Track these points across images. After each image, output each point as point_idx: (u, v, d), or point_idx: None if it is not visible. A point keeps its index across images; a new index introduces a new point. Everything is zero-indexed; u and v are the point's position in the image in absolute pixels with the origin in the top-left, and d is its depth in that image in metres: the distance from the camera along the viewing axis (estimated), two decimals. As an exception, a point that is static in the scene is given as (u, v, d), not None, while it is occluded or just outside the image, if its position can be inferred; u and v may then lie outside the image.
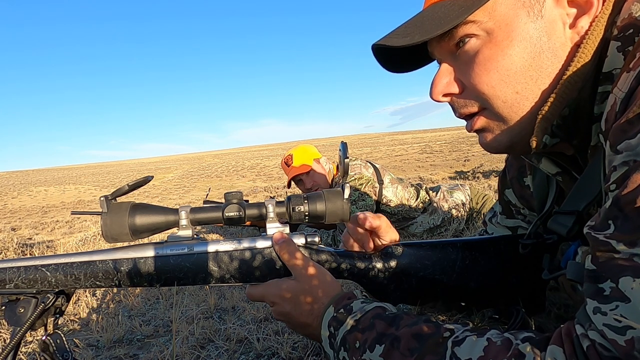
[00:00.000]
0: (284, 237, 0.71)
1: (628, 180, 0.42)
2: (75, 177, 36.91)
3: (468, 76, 0.60)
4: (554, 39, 0.56)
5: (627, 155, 0.42)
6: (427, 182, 6.09)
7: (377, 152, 23.84)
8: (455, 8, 0.57)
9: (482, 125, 0.63)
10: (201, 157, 61.01)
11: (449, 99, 0.65)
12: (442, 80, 0.63)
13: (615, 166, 0.44)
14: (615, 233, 0.42)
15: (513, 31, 0.56)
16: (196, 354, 1.00)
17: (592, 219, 0.47)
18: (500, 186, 0.93)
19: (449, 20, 0.57)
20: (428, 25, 0.58)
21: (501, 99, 0.58)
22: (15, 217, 13.01)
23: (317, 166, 2.32)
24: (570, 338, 0.45)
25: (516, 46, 0.56)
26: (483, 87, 0.59)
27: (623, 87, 0.46)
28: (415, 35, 0.59)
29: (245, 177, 18.82)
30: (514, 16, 0.56)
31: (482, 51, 0.58)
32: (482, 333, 0.52)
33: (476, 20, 0.57)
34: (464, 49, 0.59)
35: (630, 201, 0.41)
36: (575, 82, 0.54)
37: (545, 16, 0.55)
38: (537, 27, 0.55)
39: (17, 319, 0.68)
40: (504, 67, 0.57)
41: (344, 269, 0.75)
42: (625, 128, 0.43)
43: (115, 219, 0.67)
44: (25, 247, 3.33)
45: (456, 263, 0.76)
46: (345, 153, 0.72)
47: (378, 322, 0.60)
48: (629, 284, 0.40)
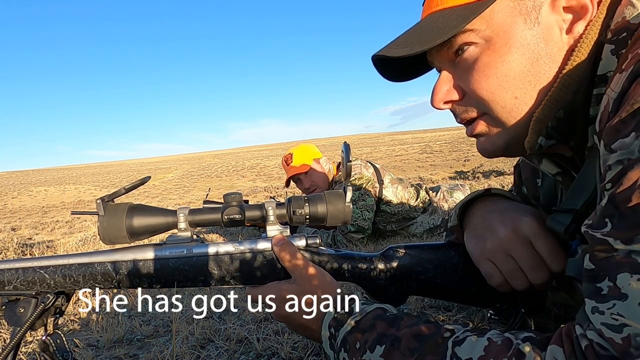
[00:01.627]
0: (284, 239, 0.71)
1: (623, 178, 0.42)
2: (75, 177, 36.91)
3: (468, 83, 0.61)
4: (551, 44, 0.57)
5: (622, 153, 0.43)
6: (427, 182, 6.09)
7: (377, 152, 23.83)
8: (453, 17, 0.58)
9: (481, 130, 0.64)
10: (201, 157, 61.02)
11: (450, 106, 0.66)
12: (442, 88, 0.64)
13: (610, 165, 0.45)
14: (612, 231, 0.43)
15: (511, 38, 0.57)
16: (196, 354, 1.01)
17: (589, 218, 0.48)
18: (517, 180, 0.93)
19: (448, 30, 0.58)
20: (427, 35, 0.59)
21: (500, 104, 0.59)
22: (15, 217, 13.01)
23: (316, 166, 2.32)
24: (570, 338, 0.46)
25: (514, 52, 0.57)
26: (482, 93, 0.60)
27: (616, 87, 0.47)
28: (415, 45, 0.60)
29: (245, 177, 18.82)
30: (512, 23, 0.57)
31: (481, 58, 0.59)
32: (483, 333, 0.52)
33: (474, 29, 0.58)
34: (463, 57, 0.61)
35: (626, 199, 0.41)
36: (569, 85, 0.55)
37: (542, 23, 0.56)
38: (534, 33, 0.57)
39: (17, 319, 0.68)
40: (502, 73, 0.58)
41: (345, 270, 0.75)
42: (619, 127, 0.44)
43: (112, 221, 0.67)
44: (25, 247, 3.33)
45: (458, 266, 0.75)
46: (348, 155, 0.71)
47: (378, 322, 0.60)
48: (627, 281, 0.41)
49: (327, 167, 2.37)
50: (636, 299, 0.40)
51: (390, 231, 2.28)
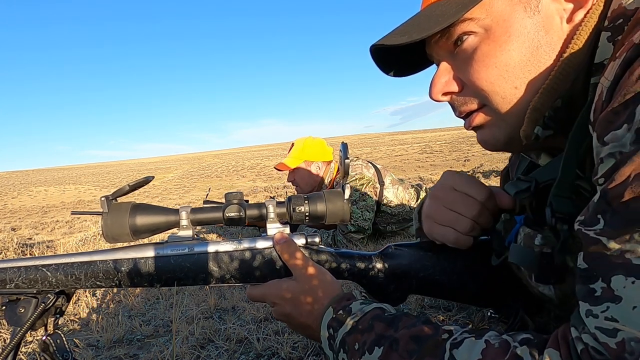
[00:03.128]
0: (285, 238, 0.71)
1: (615, 174, 0.41)
2: (75, 177, 36.90)
3: (467, 73, 0.60)
4: (551, 33, 0.56)
5: (614, 146, 0.42)
6: (427, 182, 6.09)
7: (377, 152, 23.85)
8: (452, 6, 0.57)
9: (480, 122, 0.63)
10: (201, 157, 61.02)
11: (449, 98, 0.65)
12: (441, 80, 0.63)
13: (602, 158, 0.44)
14: (605, 228, 0.42)
15: (510, 27, 0.56)
16: (196, 354, 1.01)
17: (581, 214, 0.46)
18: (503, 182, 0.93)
19: (447, 18, 0.57)
20: (425, 24, 0.59)
21: (500, 94, 0.58)
22: (15, 217, 13.02)
23: (304, 167, 2.36)
24: (566, 341, 0.45)
25: (514, 42, 0.56)
26: (482, 83, 0.59)
27: (609, 75, 0.46)
28: (413, 34, 0.59)
29: (245, 177, 18.82)
30: (511, 12, 0.56)
31: (481, 48, 0.58)
32: (481, 335, 0.52)
33: (474, 18, 0.57)
34: (462, 47, 0.60)
35: (619, 195, 0.40)
36: (567, 74, 0.54)
37: (542, 11, 0.56)
38: (534, 22, 0.56)
39: (17, 319, 0.68)
40: (502, 63, 0.57)
41: (344, 269, 0.75)
42: (611, 118, 0.43)
43: (115, 219, 0.67)
44: (25, 247, 3.34)
45: (456, 263, 0.76)
46: (345, 154, 0.72)
47: (377, 323, 0.60)
48: (621, 283, 0.40)
49: (321, 170, 2.39)
50: (630, 302, 0.39)
51: (390, 232, 2.28)
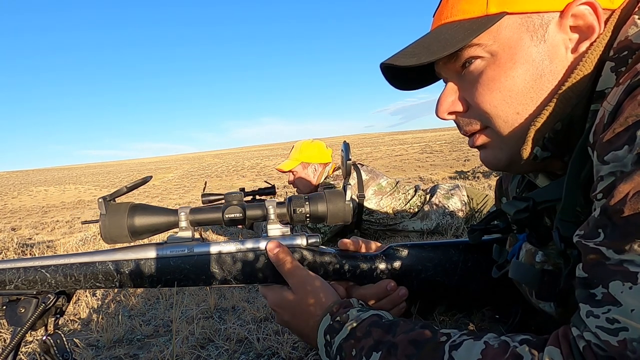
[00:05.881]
0: (279, 246, 0.72)
1: (615, 190, 0.43)
2: (75, 177, 36.91)
3: (472, 95, 0.62)
4: (555, 62, 0.57)
5: (614, 166, 0.44)
6: (427, 182, 6.09)
7: (377, 151, 23.84)
8: (461, 31, 0.59)
9: (483, 142, 0.65)
10: (201, 157, 61.00)
11: (454, 117, 0.67)
12: (447, 99, 0.66)
13: (602, 176, 0.45)
14: (604, 240, 0.44)
15: (516, 54, 0.58)
16: (196, 354, 1.01)
17: (580, 228, 0.48)
18: (497, 193, 0.94)
19: (455, 43, 0.59)
20: (435, 47, 0.60)
21: (502, 118, 0.60)
22: (15, 217, 13.01)
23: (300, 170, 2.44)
24: (567, 339, 0.46)
25: (519, 68, 0.58)
26: (486, 107, 0.61)
27: (612, 100, 0.48)
28: (422, 56, 0.61)
29: (245, 177, 18.82)
30: (518, 40, 0.58)
31: (486, 72, 0.60)
32: (479, 336, 0.53)
33: (481, 43, 0.59)
34: (469, 70, 0.62)
35: (618, 210, 0.42)
36: (569, 98, 0.56)
37: (548, 41, 0.57)
38: (540, 50, 0.57)
39: (17, 319, 0.68)
40: (506, 88, 0.59)
41: (346, 270, 0.75)
42: (612, 140, 0.44)
43: (114, 220, 0.67)
44: (25, 247, 3.33)
45: (458, 265, 0.76)
46: (347, 154, 0.72)
47: (374, 329, 0.60)
48: (619, 289, 0.41)
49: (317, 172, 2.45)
50: (629, 305, 0.40)
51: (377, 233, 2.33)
